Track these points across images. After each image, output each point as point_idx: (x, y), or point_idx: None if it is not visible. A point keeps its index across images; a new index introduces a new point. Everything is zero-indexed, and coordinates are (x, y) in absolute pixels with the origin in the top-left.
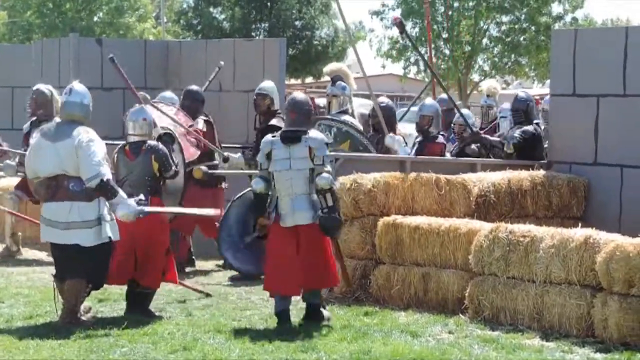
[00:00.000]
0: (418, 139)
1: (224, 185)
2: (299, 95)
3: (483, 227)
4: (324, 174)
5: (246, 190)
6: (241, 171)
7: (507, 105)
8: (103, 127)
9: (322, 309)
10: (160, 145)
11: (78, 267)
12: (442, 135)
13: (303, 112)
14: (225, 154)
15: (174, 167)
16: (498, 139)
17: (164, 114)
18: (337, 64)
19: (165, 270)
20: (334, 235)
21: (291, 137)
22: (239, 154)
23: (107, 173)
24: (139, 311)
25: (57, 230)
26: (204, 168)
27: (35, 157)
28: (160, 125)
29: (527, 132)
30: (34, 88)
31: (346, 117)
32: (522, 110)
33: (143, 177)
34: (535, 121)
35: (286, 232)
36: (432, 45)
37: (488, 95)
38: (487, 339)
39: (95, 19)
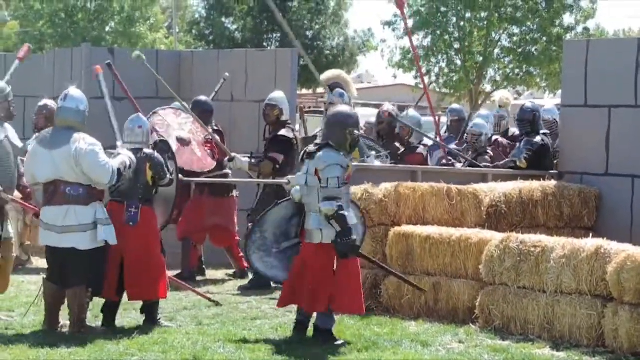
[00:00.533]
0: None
1: (235, 194)
2: (337, 108)
3: (494, 237)
4: (326, 202)
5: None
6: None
7: (484, 111)
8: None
9: (334, 339)
10: (156, 154)
11: (76, 273)
12: (422, 145)
13: (333, 126)
14: (233, 154)
15: (168, 176)
16: (509, 159)
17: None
18: (334, 71)
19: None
20: (353, 257)
21: (311, 152)
22: (246, 158)
23: (113, 163)
24: (148, 322)
25: (54, 234)
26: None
27: (32, 163)
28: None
29: (535, 144)
30: (41, 104)
31: None
32: (529, 121)
33: (135, 184)
34: (542, 131)
35: (302, 246)
36: (445, 56)
37: (500, 106)
38: (498, 348)
39: (107, 28)
